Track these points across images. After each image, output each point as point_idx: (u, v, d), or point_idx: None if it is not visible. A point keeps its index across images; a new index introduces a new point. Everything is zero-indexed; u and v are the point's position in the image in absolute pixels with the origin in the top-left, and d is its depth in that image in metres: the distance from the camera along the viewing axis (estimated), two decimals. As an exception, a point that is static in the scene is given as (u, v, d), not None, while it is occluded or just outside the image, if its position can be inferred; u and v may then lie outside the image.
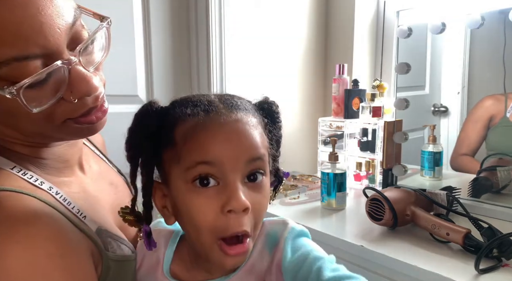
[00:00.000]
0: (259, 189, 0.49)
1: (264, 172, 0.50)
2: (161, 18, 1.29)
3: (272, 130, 0.55)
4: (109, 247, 0.52)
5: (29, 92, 0.43)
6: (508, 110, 1.12)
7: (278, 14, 1.45)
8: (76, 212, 0.50)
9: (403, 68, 1.15)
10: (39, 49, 0.42)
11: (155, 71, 1.29)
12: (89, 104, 0.49)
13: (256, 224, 0.49)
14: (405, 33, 1.18)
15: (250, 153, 0.47)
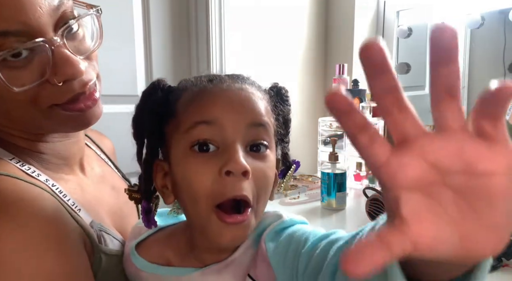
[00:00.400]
0: (262, 158, 0.45)
1: (268, 144, 0.46)
2: (161, 18, 1.29)
3: (280, 108, 0.52)
4: (102, 240, 0.52)
5: (12, 71, 0.43)
6: (507, 112, 1.12)
7: (278, 14, 1.45)
8: (71, 204, 0.50)
9: (403, 68, 1.15)
10: (20, 25, 0.42)
11: (155, 71, 1.29)
12: (76, 89, 0.47)
13: (259, 196, 0.44)
14: (405, 33, 1.18)
15: (252, 117, 0.44)
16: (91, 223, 0.52)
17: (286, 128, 0.53)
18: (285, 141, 0.54)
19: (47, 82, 0.45)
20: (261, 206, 0.46)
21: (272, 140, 0.47)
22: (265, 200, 0.46)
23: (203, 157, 0.43)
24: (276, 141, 0.50)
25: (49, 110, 0.47)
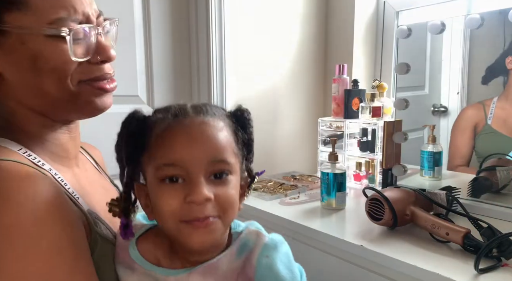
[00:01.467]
0: (224, 183, 0.54)
1: (229, 172, 0.54)
2: (161, 18, 1.29)
3: (241, 134, 0.59)
4: (98, 225, 0.58)
5: (73, 41, 0.54)
6: (489, 117, 1.15)
7: (278, 14, 1.45)
8: (71, 192, 0.57)
9: (402, 68, 1.15)
10: (83, 17, 0.56)
11: (155, 71, 1.29)
12: (105, 69, 0.60)
13: (225, 210, 0.53)
14: (405, 33, 1.18)
15: (213, 154, 0.53)
16: (88, 210, 0.58)
17: (248, 148, 0.61)
18: (248, 159, 0.62)
19: (87, 62, 0.57)
20: (229, 216, 0.54)
21: (233, 166, 0.55)
22: (232, 212, 0.55)
23: (172, 186, 0.52)
24: (240, 161, 0.58)
25: (78, 86, 0.57)
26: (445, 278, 0.72)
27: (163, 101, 1.32)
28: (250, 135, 0.61)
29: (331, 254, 0.94)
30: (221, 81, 1.32)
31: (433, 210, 0.97)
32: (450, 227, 0.83)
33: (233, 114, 0.61)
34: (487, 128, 1.15)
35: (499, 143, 1.14)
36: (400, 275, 0.80)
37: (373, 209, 0.94)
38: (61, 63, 0.54)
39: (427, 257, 0.80)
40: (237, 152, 0.57)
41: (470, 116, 1.19)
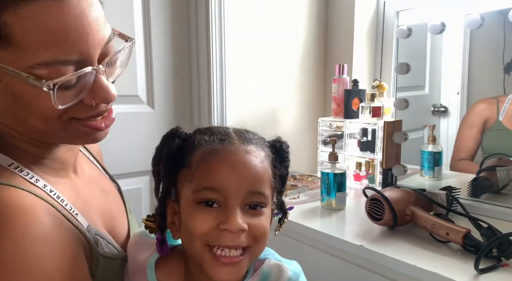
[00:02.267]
0: (259, 214, 0.53)
1: (264, 205, 0.54)
2: (161, 18, 1.29)
3: (278, 167, 0.58)
4: (98, 244, 0.56)
5: (58, 91, 0.47)
6: (501, 113, 1.13)
7: (278, 14, 1.45)
8: (69, 209, 0.54)
9: (403, 68, 1.15)
10: (80, 56, 0.48)
11: (155, 71, 1.29)
12: (102, 109, 0.53)
13: (257, 241, 0.52)
14: (405, 33, 1.18)
15: (252, 185, 0.52)
16: (88, 227, 0.55)
17: (282, 182, 0.60)
18: (281, 192, 0.61)
19: (80, 101, 0.50)
20: (259, 248, 0.54)
21: (268, 200, 0.55)
22: (263, 243, 0.54)
23: (207, 210, 0.51)
24: (273, 193, 0.57)
25: (68, 122, 0.51)
26: (445, 278, 0.72)
27: (163, 101, 1.32)
28: (286, 169, 0.60)
29: (331, 254, 0.94)
30: (221, 81, 1.32)
31: (433, 210, 0.97)
32: (450, 227, 0.83)
33: (272, 145, 0.60)
34: (497, 125, 1.14)
35: (508, 141, 1.13)
36: (400, 275, 0.80)
37: (373, 209, 0.94)
38: (44, 108, 0.48)
39: (427, 257, 0.80)
40: (273, 185, 0.56)
41: (482, 110, 1.17)
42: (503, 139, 1.14)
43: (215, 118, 1.33)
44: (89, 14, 0.48)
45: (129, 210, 0.72)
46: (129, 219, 0.71)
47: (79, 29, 0.47)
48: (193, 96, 1.37)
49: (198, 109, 1.36)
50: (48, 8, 0.45)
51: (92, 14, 0.48)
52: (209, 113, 1.33)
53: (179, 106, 1.36)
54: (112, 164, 1.29)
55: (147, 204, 1.32)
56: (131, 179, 1.27)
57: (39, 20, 0.44)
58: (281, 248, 1.01)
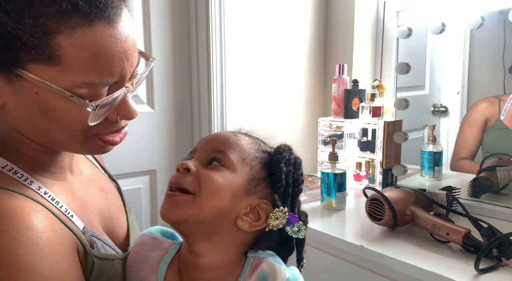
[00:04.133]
0: (214, 169, 0.56)
1: (224, 164, 0.56)
2: (161, 18, 1.29)
3: (270, 174, 0.60)
4: (94, 245, 0.56)
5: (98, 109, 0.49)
6: (502, 113, 1.12)
7: (278, 14, 1.45)
8: (64, 211, 0.54)
9: (403, 68, 1.15)
10: (120, 77, 0.51)
11: (155, 71, 1.29)
12: (122, 125, 0.56)
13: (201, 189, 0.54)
14: (405, 33, 1.18)
15: (217, 145, 0.58)
16: (83, 229, 0.55)
17: (277, 188, 0.60)
18: (292, 199, 0.62)
19: (105, 118, 0.53)
20: (202, 197, 0.54)
21: (235, 163, 0.57)
22: (208, 195, 0.54)
23: None
24: (255, 178, 0.59)
25: (90, 138, 0.53)
26: (445, 278, 0.72)
27: (163, 101, 1.32)
28: (279, 180, 0.61)
29: (331, 254, 0.94)
30: (221, 81, 1.32)
31: (433, 210, 0.97)
32: (450, 227, 0.83)
33: (270, 154, 0.63)
34: (498, 124, 1.13)
35: (508, 140, 1.13)
36: (400, 275, 0.80)
37: (373, 209, 0.94)
38: (77, 123, 0.50)
39: (427, 257, 0.80)
40: (252, 163, 0.58)
41: (483, 109, 1.17)
42: (504, 139, 1.15)
43: (215, 118, 1.33)
44: (132, 38, 0.51)
45: (128, 210, 0.72)
46: (129, 218, 0.71)
47: (124, 52, 0.50)
48: (193, 96, 1.37)
49: (198, 109, 1.36)
50: (100, 33, 0.47)
51: (133, 37, 0.51)
52: (209, 113, 1.33)
53: (179, 106, 1.36)
54: (112, 164, 1.29)
55: (147, 204, 1.32)
56: (131, 179, 1.27)
57: (92, 45, 0.47)
58: (281, 248, 1.00)
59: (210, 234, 0.56)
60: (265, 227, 0.57)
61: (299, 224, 0.60)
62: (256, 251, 0.59)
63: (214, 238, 0.56)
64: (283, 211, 0.58)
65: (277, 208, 0.58)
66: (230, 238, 0.57)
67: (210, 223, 0.55)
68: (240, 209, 0.56)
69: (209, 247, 0.56)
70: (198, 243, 0.56)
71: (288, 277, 0.55)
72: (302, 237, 0.60)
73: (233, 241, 0.57)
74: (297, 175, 0.65)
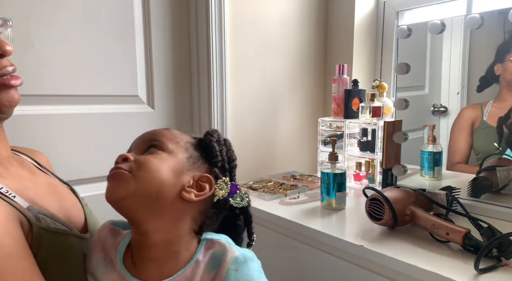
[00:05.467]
0: (150, 153, 0.59)
1: (160, 148, 0.60)
2: (161, 18, 1.29)
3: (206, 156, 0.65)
4: (42, 220, 0.57)
5: None
6: (484, 114, 1.18)
7: (278, 14, 1.45)
8: (4, 191, 0.56)
9: (402, 68, 1.15)
10: None
11: (155, 71, 1.29)
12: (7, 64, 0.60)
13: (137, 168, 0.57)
14: (405, 33, 1.18)
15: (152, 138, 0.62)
16: (28, 207, 0.57)
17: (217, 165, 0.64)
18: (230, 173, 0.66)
19: None
20: (140, 176, 0.56)
21: (170, 147, 0.61)
22: (144, 174, 0.57)
23: None
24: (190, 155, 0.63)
25: None
26: (445, 278, 0.72)
27: (163, 101, 1.32)
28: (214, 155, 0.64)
29: (331, 254, 0.94)
30: (221, 81, 1.32)
31: (433, 210, 0.97)
32: (450, 227, 0.83)
33: (200, 140, 0.67)
34: (482, 124, 1.19)
35: (493, 136, 1.17)
36: (400, 275, 0.80)
37: (373, 209, 0.94)
38: None
39: (427, 257, 0.80)
40: (186, 146, 0.63)
41: (468, 114, 1.23)
42: (490, 135, 1.19)
43: (215, 118, 1.33)
44: None
45: (84, 204, 0.74)
46: (86, 211, 0.72)
47: None
48: (193, 96, 1.37)
49: (198, 109, 1.36)
50: None
51: None
52: (209, 113, 1.33)
53: (179, 106, 1.36)
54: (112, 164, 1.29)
55: (147, 204, 1.32)
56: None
57: None
58: (281, 248, 1.01)
59: (156, 210, 0.57)
60: (210, 199, 0.61)
61: (241, 193, 0.64)
62: (209, 234, 0.61)
63: (161, 214, 0.58)
64: (225, 181, 0.62)
65: (219, 179, 0.62)
66: (177, 212, 0.59)
67: (155, 198, 0.57)
68: (183, 183, 0.59)
69: (157, 224, 0.57)
70: (145, 221, 0.57)
71: (237, 255, 0.58)
72: (247, 204, 0.65)
73: (180, 215, 0.59)
74: (230, 152, 0.67)
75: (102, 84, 1.18)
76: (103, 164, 0.89)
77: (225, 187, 0.62)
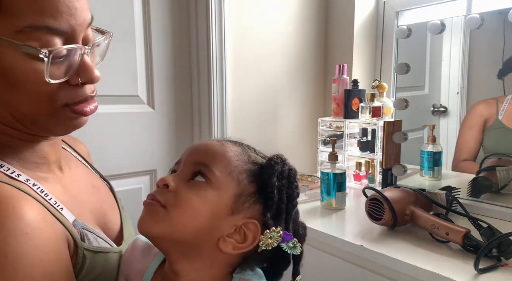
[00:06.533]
0: (195, 186, 0.52)
1: (207, 178, 0.52)
2: (161, 18, 1.29)
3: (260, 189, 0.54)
4: (85, 238, 0.55)
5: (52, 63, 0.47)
6: (500, 112, 1.14)
7: (278, 14, 1.45)
8: (53, 203, 0.53)
9: (402, 68, 1.15)
10: (67, 27, 0.48)
11: (155, 71, 1.29)
12: (88, 92, 0.54)
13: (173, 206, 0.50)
14: (405, 33, 1.18)
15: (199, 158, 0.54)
16: (74, 222, 0.54)
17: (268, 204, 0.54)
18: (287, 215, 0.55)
19: (65, 83, 0.51)
20: (174, 214, 0.50)
21: (220, 179, 0.52)
22: (178, 213, 0.50)
23: None
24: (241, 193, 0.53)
25: (60, 109, 0.52)
26: (445, 278, 0.72)
27: (163, 101, 1.32)
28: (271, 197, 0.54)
29: (331, 254, 0.94)
30: (221, 82, 1.32)
31: (433, 210, 0.97)
32: (450, 227, 0.83)
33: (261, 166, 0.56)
34: (497, 123, 1.15)
35: (508, 139, 1.14)
36: (400, 275, 0.80)
37: (373, 209, 0.94)
38: (37, 87, 0.48)
39: (427, 257, 0.80)
40: (239, 178, 0.53)
41: (481, 110, 1.19)
42: (504, 137, 1.15)
43: (215, 118, 1.33)
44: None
45: (121, 207, 0.72)
46: (122, 215, 0.70)
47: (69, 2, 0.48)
48: (193, 96, 1.37)
49: (198, 109, 1.36)
50: None
51: None
52: (209, 113, 1.33)
53: (179, 106, 1.36)
54: (112, 164, 1.29)
55: (147, 204, 1.32)
56: (131, 179, 1.27)
57: None
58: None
59: (189, 254, 0.52)
60: (253, 248, 0.53)
61: (294, 241, 0.55)
62: (243, 270, 0.55)
63: (194, 258, 0.52)
64: (276, 231, 0.53)
65: (269, 228, 0.53)
66: (212, 259, 0.53)
67: (189, 243, 0.51)
68: (223, 230, 0.52)
69: (189, 267, 0.53)
70: (178, 262, 0.53)
71: None
72: (298, 253, 0.56)
73: (216, 262, 0.53)
74: (291, 190, 0.56)
75: (102, 84, 1.17)
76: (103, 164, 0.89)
77: (275, 237, 0.53)
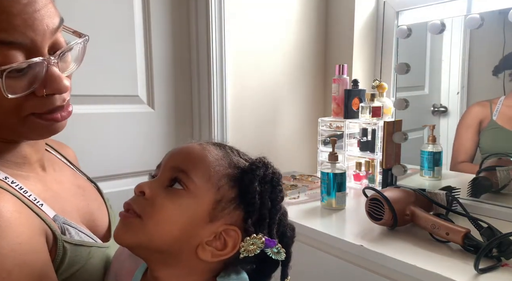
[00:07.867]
0: (172, 194, 0.49)
1: (185, 186, 0.49)
2: (161, 18, 1.29)
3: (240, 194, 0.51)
4: (66, 232, 0.55)
5: (8, 79, 0.46)
6: (494, 113, 1.15)
7: (278, 14, 1.45)
8: (32, 199, 0.53)
9: (402, 68, 1.15)
10: (26, 39, 0.46)
11: (155, 71, 1.29)
12: (57, 102, 0.52)
13: (147, 215, 0.48)
14: (405, 33, 1.18)
15: (176, 162, 0.51)
16: (54, 217, 0.55)
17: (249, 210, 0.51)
18: (270, 220, 0.52)
19: (33, 93, 0.49)
20: (148, 224, 0.48)
21: (196, 186, 0.49)
22: (152, 223, 0.48)
23: None
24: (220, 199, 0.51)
25: (26, 118, 0.51)
26: (445, 278, 0.72)
27: (163, 101, 1.32)
28: (251, 203, 0.51)
29: (331, 254, 0.94)
30: (221, 82, 1.32)
31: (433, 210, 0.97)
32: (450, 227, 0.83)
33: (244, 170, 0.53)
34: (492, 124, 1.16)
35: (503, 138, 1.15)
36: (400, 275, 0.80)
37: (373, 209, 0.94)
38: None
39: (427, 257, 0.80)
40: (219, 183, 0.50)
41: (476, 112, 1.20)
42: (499, 137, 1.16)
43: (215, 118, 1.33)
44: (45, 4, 0.48)
45: (109, 206, 0.72)
46: (110, 214, 0.71)
47: (26, 12, 0.46)
48: (193, 96, 1.37)
49: (198, 109, 1.36)
50: None
51: (46, 4, 0.48)
52: (209, 113, 1.33)
53: (179, 106, 1.36)
54: (112, 164, 1.29)
55: (147, 204, 1.32)
56: (131, 179, 1.27)
57: None
58: (281, 248, 1.00)
59: (168, 262, 0.50)
60: (234, 255, 0.50)
61: (278, 246, 0.51)
62: (227, 276, 0.52)
63: (173, 265, 0.51)
64: (258, 238, 0.50)
65: (250, 235, 0.50)
66: (191, 266, 0.51)
67: (167, 251, 0.49)
68: (202, 237, 0.49)
69: (169, 274, 0.51)
70: (157, 269, 0.51)
71: None
72: (282, 259, 0.52)
73: (196, 270, 0.51)
74: (274, 194, 0.53)
75: (102, 84, 1.18)
76: (103, 164, 0.89)
77: (257, 244, 0.50)
